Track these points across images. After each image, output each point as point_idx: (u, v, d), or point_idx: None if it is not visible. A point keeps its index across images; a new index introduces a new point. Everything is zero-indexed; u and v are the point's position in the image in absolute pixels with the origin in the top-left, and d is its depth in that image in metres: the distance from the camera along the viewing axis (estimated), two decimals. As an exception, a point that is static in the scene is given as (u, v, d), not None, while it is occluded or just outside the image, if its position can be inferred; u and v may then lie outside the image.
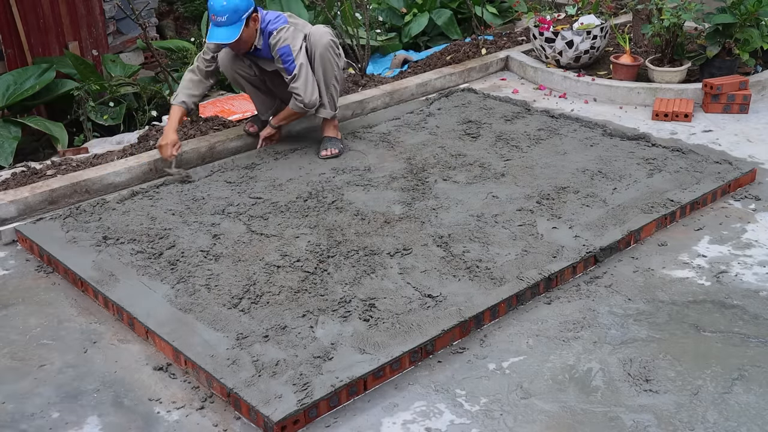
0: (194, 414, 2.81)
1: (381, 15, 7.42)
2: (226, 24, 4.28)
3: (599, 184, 4.18)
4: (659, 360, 2.96)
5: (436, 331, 3.05)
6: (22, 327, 3.34)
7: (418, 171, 4.44)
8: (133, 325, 3.26)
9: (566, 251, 3.56)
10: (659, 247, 3.73)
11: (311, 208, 4.06)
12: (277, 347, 2.98)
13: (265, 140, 4.82)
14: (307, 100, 4.50)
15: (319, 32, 4.56)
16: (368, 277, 3.43)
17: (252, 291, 3.35)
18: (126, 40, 7.39)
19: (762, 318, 3.19)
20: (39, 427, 2.78)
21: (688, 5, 5.37)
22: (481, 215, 3.91)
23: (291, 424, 2.67)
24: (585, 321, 3.21)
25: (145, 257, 3.65)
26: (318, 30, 4.57)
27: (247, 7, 4.32)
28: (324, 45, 4.52)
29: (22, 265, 3.85)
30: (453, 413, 2.75)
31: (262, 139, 4.81)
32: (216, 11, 4.27)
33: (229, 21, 4.27)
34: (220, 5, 4.25)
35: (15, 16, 6.21)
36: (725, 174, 4.24)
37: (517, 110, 5.31)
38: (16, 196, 4.16)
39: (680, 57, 5.63)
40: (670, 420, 2.66)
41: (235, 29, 4.29)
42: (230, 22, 4.28)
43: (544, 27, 5.92)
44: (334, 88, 4.67)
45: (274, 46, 4.43)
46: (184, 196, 4.24)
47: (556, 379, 2.89)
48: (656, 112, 5.21)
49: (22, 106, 5.87)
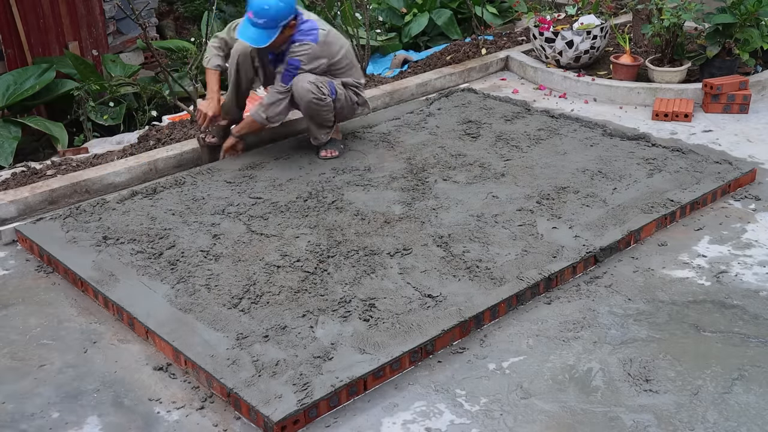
0: (194, 414, 2.81)
1: (381, 15, 7.42)
2: (262, 27, 4.16)
3: (599, 184, 4.18)
4: (659, 360, 2.96)
5: (436, 331, 3.05)
6: (22, 327, 3.34)
7: (418, 171, 4.44)
8: (133, 325, 3.26)
9: (566, 251, 3.56)
10: (659, 247, 3.73)
11: (311, 208, 4.06)
12: (277, 347, 2.98)
13: (228, 150, 4.68)
14: (266, 113, 4.44)
15: (301, 89, 4.37)
16: (368, 277, 3.43)
17: (252, 291, 3.35)
18: (126, 40, 7.39)
19: (762, 318, 3.19)
20: (39, 427, 2.78)
21: (688, 5, 5.37)
22: (481, 215, 3.91)
23: (291, 424, 2.67)
24: (585, 321, 3.21)
25: (145, 257, 3.65)
26: (300, 87, 4.37)
27: (288, 15, 4.19)
28: (305, 102, 4.41)
29: (22, 265, 3.85)
30: (453, 413, 2.75)
31: (224, 149, 4.68)
32: (254, 11, 4.12)
33: (265, 25, 4.16)
34: (260, 7, 4.11)
35: (15, 16, 6.21)
36: (725, 174, 4.24)
37: (517, 110, 5.31)
38: (16, 196, 4.16)
39: (680, 57, 5.64)
40: (670, 420, 2.66)
41: (268, 35, 4.18)
42: (266, 26, 4.16)
43: (544, 27, 5.92)
44: (328, 122, 4.58)
45: (291, 54, 4.33)
46: (184, 196, 4.24)
47: (556, 379, 2.89)
48: (656, 112, 5.21)
49: (22, 106, 5.88)
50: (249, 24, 4.20)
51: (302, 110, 4.53)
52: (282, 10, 4.16)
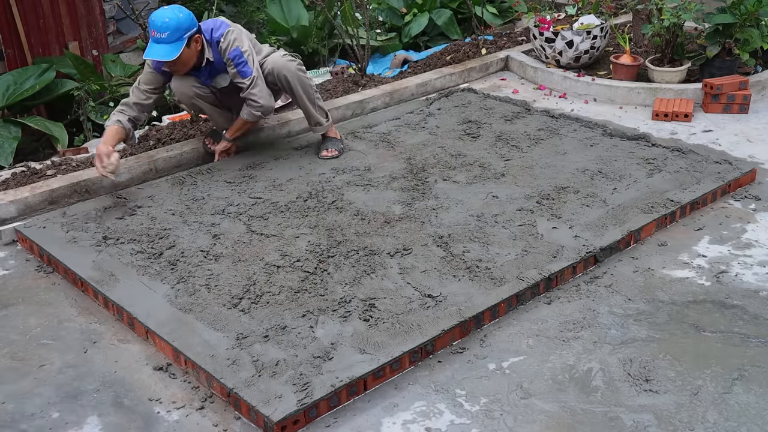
0: (194, 414, 2.81)
1: (381, 15, 7.42)
2: (167, 41, 4.16)
3: (599, 184, 4.18)
4: (659, 360, 2.96)
5: (436, 331, 3.05)
6: (22, 327, 3.34)
7: (418, 171, 4.44)
8: (133, 325, 3.26)
9: (566, 251, 3.56)
10: (659, 247, 3.73)
11: (311, 208, 4.06)
12: (277, 347, 2.98)
13: (221, 154, 4.68)
14: (264, 107, 4.44)
15: (282, 62, 4.46)
16: (368, 277, 3.43)
17: (252, 291, 3.35)
18: (126, 40, 7.39)
19: (762, 318, 3.19)
20: (39, 427, 2.78)
21: (688, 5, 5.37)
22: (481, 215, 3.91)
23: (291, 424, 2.67)
24: (585, 321, 3.21)
25: (145, 257, 3.65)
26: (280, 62, 4.47)
27: (190, 27, 4.21)
28: (293, 71, 4.47)
29: (22, 265, 3.85)
30: (453, 413, 2.75)
31: (218, 153, 4.67)
32: (157, 27, 4.14)
33: (170, 38, 4.15)
34: (161, 21, 4.13)
35: (15, 16, 6.21)
36: (725, 174, 4.24)
37: (517, 110, 5.31)
38: (16, 196, 4.16)
39: (680, 57, 5.64)
40: (670, 420, 2.66)
41: (175, 47, 4.17)
42: (171, 39, 4.16)
43: (544, 27, 5.92)
44: (319, 99, 4.66)
45: (225, 51, 4.33)
46: (184, 196, 4.24)
47: (556, 379, 2.89)
48: (656, 112, 5.21)
49: (22, 106, 5.88)
50: (154, 43, 4.20)
51: (293, 87, 4.52)
52: (183, 20, 4.18)
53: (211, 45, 4.37)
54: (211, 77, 4.51)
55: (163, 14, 4.15)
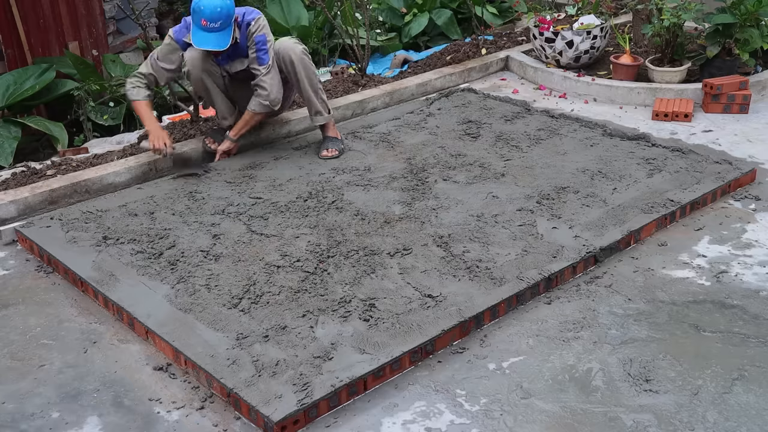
0: (194, 414, 2.81)
1: (381, 15, 7.42)
2: (219, 30, 4.17)
3: (599, 184, 4.18)
4: (659, 360, 2.96)
5: (436, 331, 3.05)
6: (22, 327, 3.34)
7: (418, 171, 4.44)
8: (133, 325, 3.26)
9: (566, 251, 3.56)
10: (659, 247, 3.73)
11: (311, 208, 4.06)
12: (277, 347, 2.98)
13: (222, 154, 4.68)
14: (272, 96, 4.47)
15: (289, 44, 4.54)
16: (368, 277, 3.43)
17: (252, 291, 3.35)
18: (126, 40, 7.39)
19: (762, 318, 3.19)
20: (39, 427, 2.78)
21: (688, 5, 5.37)
22: (481, 215, 3.91)
23: (291, 424, 2.67)
24: (585, 321, 3.21)
25: (145, 257, 3.65)
26: (286, 43, 4.54)
27: (234, 9, 4.25)
28: (298, 53, 4.52)
29: (22, 265, 3.85)
30: (453, 413, 2.75)
31: (220, 152, 4.66)
32: (207, 17, 4.13)
33: (222, 26, 4.18)
34: (213, 11, 4.13)
35: (15, 16, 6.21)
36: (725, 174, 4.24)
37: (517, 110, 5.31)
38: (16, 196, 4.16)
39: (680, 57, 5.63)
40: (670, 420, 2.66)
41: (227, 34, 4.21)
42: (222, 27, 4.18)
43: (544, 27, 5.92)
44: (321, 91, 4.68)
45: (252, 34, 4.36)
46: (184, 197, 4.24)
47: (556, 379, 2.89)
48: (656, 112, 5.21)
49: (22, 106, 5.87)
50: (204, 32, 4.19)
51: (296, 70, 4.54)
52: (230, 6, 4.22)
53: (239, 27, 4.39)
54: (230, 59, 4.53)
55: (213, 3, 4.15)
